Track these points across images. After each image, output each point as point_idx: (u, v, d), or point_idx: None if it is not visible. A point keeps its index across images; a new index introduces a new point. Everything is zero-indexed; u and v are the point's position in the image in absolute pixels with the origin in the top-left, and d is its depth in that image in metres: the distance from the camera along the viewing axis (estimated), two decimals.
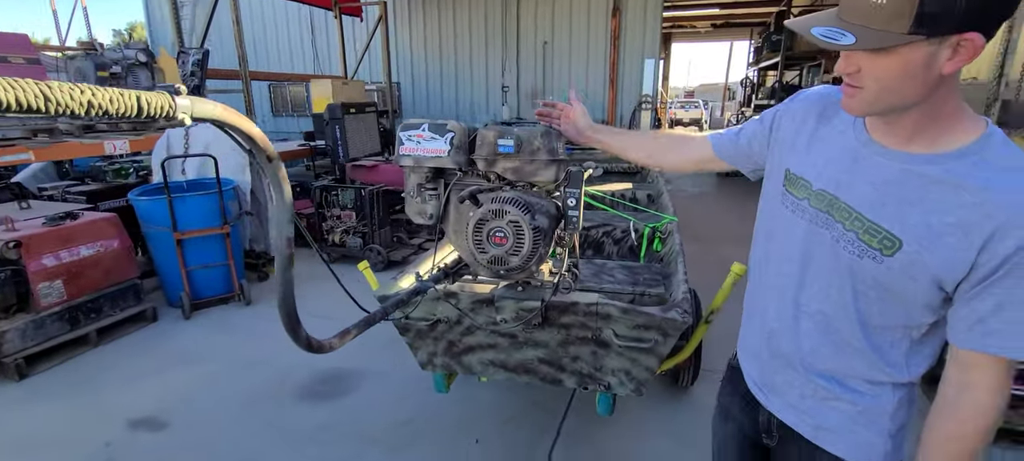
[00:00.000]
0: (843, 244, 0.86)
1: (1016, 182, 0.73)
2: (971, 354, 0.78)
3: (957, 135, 0.77)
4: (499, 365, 1.94)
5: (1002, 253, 0.72)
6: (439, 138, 1.39)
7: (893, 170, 0.81)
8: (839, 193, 0.86)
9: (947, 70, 0.70)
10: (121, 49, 4.65)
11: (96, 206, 4.06)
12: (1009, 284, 0.73)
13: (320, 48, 10.66)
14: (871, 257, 0.83)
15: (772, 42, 11.24)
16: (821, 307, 0.91)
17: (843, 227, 0.86)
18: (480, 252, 1.38)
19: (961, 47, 0.68)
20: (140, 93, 0.51)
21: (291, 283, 0.79)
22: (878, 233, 0.82)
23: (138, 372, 3.02)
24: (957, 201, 0.75)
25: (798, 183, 0.94)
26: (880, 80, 0.74)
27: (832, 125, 0.92)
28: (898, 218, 0.80)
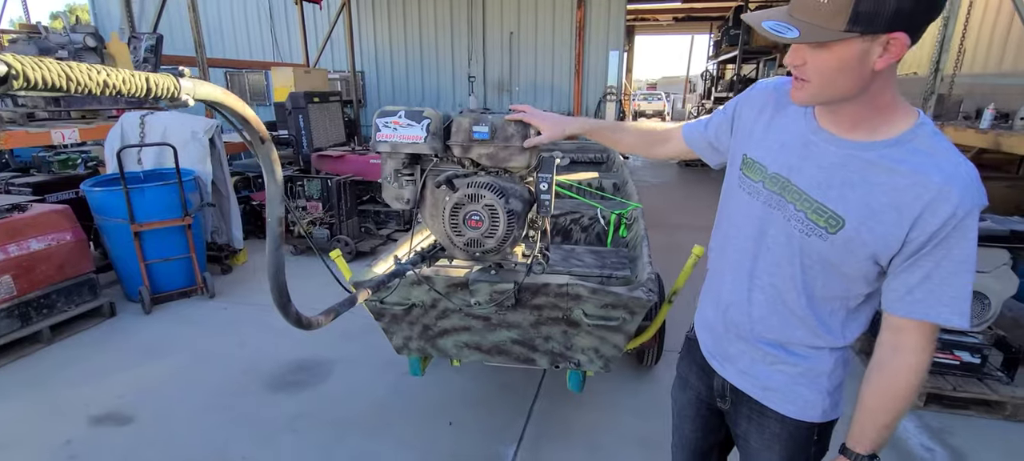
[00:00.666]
0: (794, 223, 0.95)
1: (941, 167, 0.82)
2: (902, 320, 0.89)
3: (893, 125, 0.87)
4: (474, 347, 2.00)
5: (929, 229, 0.82)
6: (416, 125, 1.43)
7: (838, 155, 0.90)
8: (791, 176, 0.95)
9: (879, 66, 0.79)
10: (67, 33, 4.40)
11: (43, 198, 3.86)
12: (936, 257, 0.84)
13: (280, 35, 10.32)
14: (818, 235, 0.92)
15: (730, 36, 11.63)
16: (772, 280, 1.00)
17: (794, 207, 0.94)
18: (457, 235, 1.44)
19: (890, 45, 0.77)
20: (148, 75, 0.54)
21: (282, 261, 0.82)
22: (824, 213, 0.91)
23: (98, 368, 2.92)
24: (892, 184, 0.85)
25: (754, 167, 1.02)
26: (821, 73, 0.82)
27: (787, 113, 1.00)
28: (841, 199, 0.89)
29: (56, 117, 4.57)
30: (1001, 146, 3.68)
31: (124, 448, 2.30)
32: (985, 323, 2.51)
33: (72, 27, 4.49)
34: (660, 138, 1.33)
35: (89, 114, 4.69)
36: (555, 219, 3.29)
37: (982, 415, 2.50)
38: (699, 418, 1.27)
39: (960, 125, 4.22)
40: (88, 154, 5.27)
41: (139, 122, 4.11)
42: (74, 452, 2.28)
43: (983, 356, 2.56)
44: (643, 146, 1.35)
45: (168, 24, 8.62)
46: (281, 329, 3.32)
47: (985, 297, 2.46)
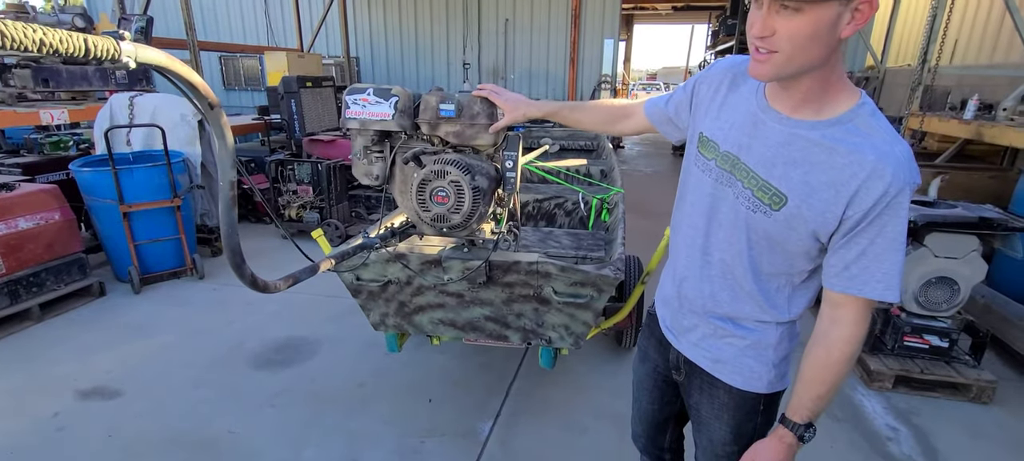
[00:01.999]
0: (742, 200, 0.98)
1: (876, 146, 0.86)
2: (839, 295, 0.93)
3: (837, 104, 0.90)
4: (448, 324, 2.05)
5: (864, 206, 0.85)
6: (384, 102, 1.47)
7: (783, 134, 0.93)
8: (741, 154, 0.98)
9: (846, 33, 0.82)
10: (56, 13, 4.39)
11: (33, 178, 3.89)
12: (871, 234, 0.87)
13: (274, 20, 10.27)
14: (763, 212, 0.95)
15: (728, 26, 11.59)
16: (722, 256, 1.04)
17: (742, 185, 0.98)
18: (424, 211, 1.48)
19: (858, 11, 0.80)
20: (87, 36, 0.58)
21: (234, 222, 0.86)
22: (769, 190, 0.94)
23: (86, 345, 2.97)
24: (830, 163, 0.88)
25: (708, 145, 1.05)
26: (793, 39, 0.82)
27: (740, 92, 1.02)
28: (785, 177, 0.92)
29: (47, 98, 4.57)
30: (983, 136, 3.72)
31: (110, 420, 2.36)
32: (954, 308, 2.56)
33: (61, 8, 4.48)
34: (622, 114, 1.34)
35: (79, 95, 4.70)
36: (539, 203, 3.33)
37: (948, 397, 2.56)
38: (656, 390, 1.32)
39: (945, 115, 4.25)
40: (80, 136, 5.27)
41: (128, 103, 4.13)
42: (61, 424, 2.33)
43: (952, 340, 2.61)
44: (605, 123, 1.37)
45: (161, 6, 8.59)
46: (269, 309, 3.37)
47: (954, 283, 2.51)
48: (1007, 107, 3.80)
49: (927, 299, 2.56)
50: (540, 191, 3.40)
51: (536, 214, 3.36)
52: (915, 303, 2.58)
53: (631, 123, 1.33)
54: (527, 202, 3.31)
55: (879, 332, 2.74)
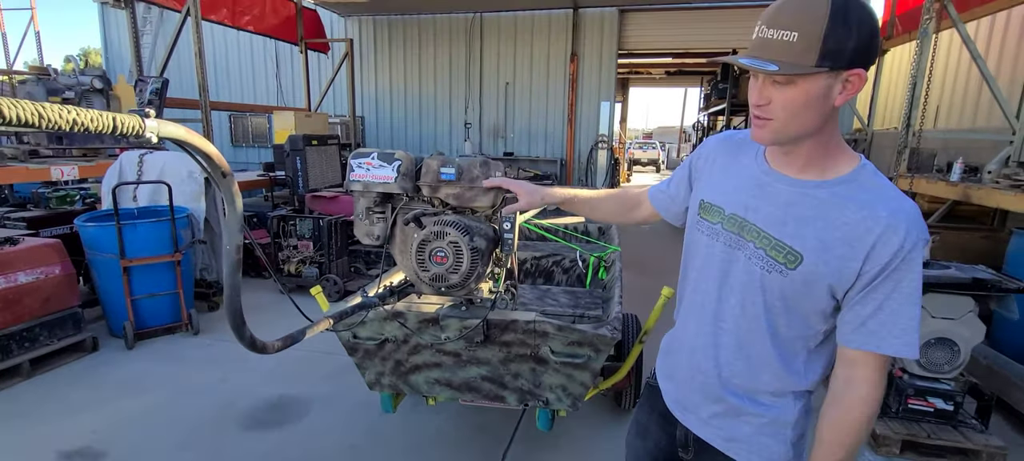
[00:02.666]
0: (755, 261, 0.97)
1: (887, 202, 0.89)
2: (855, 352, 0.92)
3: (840, 166, 0.94)
4: (445, 384, 2.03)
5: (881, 261, 0.86)
6: (387, 166, 1.53)
7: (791, 194, 0.95)
8: (748, 215, 0.99)
9: (838, 102, 0.86)
10: (76, 75, 4.60)
11: (37, 232, 3.93)
12: (887, 289, 0.88)
13: (285, 81, 10.70)
14: (778, 271, 0.94)
15: (719, 90, 12.08)
16: (737, 322, 1.01)
17: (754, 245, 0.97)
18: (423, 270, 1.51)
19: (849, 82, 0.85)
20: (115, 115, 0.63)
21: (238, 285, 0.89)
22: (783, 249, 0.94)
23: (74, 403, 2.91)
24: (843, 219, 0.89)
25: (712, 210, 1.05)
26: (787, 108, 0.87)
27: (738, 161, 1.05)
28: (797, 235, 0.93)
29: (59, 154, 4.71)
30: (970, 198, 3.81)
31: None
32: (956, 370, 2.53)
33: (81, 70, 4.70)
34: (633, 203, 1.35)
35: (90, 152, 4.83)
36: (537, 261, 3.36)
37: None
38: None
39: (932, 177, 4.36)
40: (87, 190, 5.38)
41: (138, 160, 4.24)
42: None
43: (956, 403, 2.57)
44: (618, 214, 1.37)
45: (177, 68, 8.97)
46: (263, 367, 3.32)
47: (954, 344, 2.50)
48: (991, 170, 3.91)
49: (928, 360, 2.54)
50: (538, 248, 3.44)
51: (534, 271, 3.38)
52: (917, 364, 2.55)
53: (641, 212, 1.34)
54: (525, 259, 3.34)
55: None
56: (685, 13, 9.11)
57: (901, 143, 4.74)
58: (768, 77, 0.87)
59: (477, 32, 9.79)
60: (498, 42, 9.80)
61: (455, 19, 9.83)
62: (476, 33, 9.80)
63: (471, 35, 9.82)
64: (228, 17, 6.83)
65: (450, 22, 9.91)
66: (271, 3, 7.69)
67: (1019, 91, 4.69)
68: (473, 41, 9.85)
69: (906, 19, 6.71)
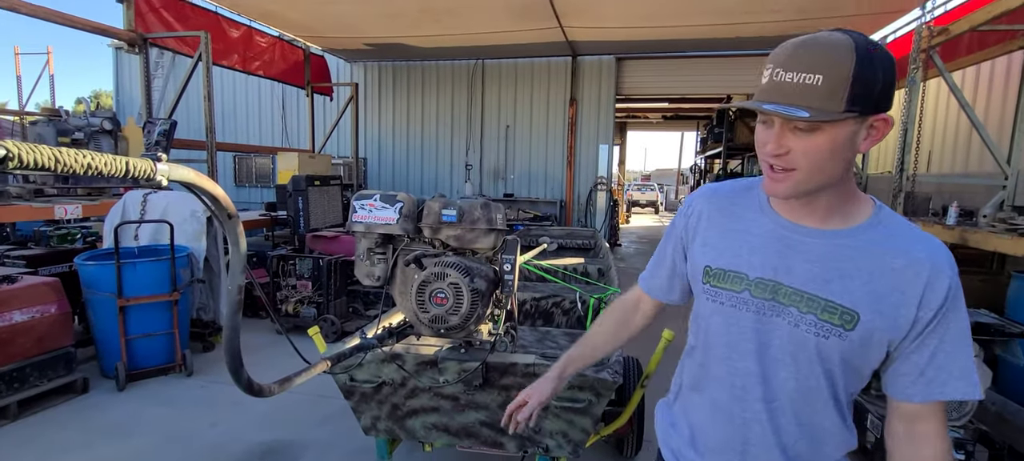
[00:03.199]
0: (805, 328, 0.86)
1: (920, 242, 0.84)
2: (917, 406, 0.85)
3: (859, 211, 0.88)
4: (442, 429, 1.98)
5: (934, 306, 0.81)
6: (389, 207, 1.55)
7: (825, 247, 0.86)
8: (781, 278, 0.88)
9: (863, 148, 0.80)
10: (87, 116, 4.71)
11: (36, 271, 3.92)
12: (940, 333, 0.82)
13: (290, 123, 10.93)
14: (836, 335, 0.85)
15: (715, 133, 12.33)
16: (792, 398, 0.90)
17: (798, 310, 0.87)
18: (422, 311, 1.50)
19: (874, 127, 0.79)
20: (128, 159, 0.65)
21: (238, 327, 0.89)
22: (835, 309, 0.84)
23: (58, 447, 2.83)
24: (887, 266, 0.83)
25: (727, 277, 0.93)
26: (811, 157, 0.79)
27: (740, 217, 0.95)
28: (845, 291, 0.84)
29: (64, 193, 4.76)
30: (968, 242, 3.83)
31: None
32: (965, 417, 2.48)
33: (92, 111, 4.81)
34: (631, 308, 1.22)
35: (95, 191, 4.89)
36: (537, 302, 3.34)
37: None
38: None
39: (929, 221, 4.40)
40: (88, 229, 5.41)
41: (142, 199, 4.28)
42: None
43: (968, 452, 2.50)
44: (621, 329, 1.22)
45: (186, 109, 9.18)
46: (256, 410, 3.25)
47: None
48: (986, 214, 3.95)
49: None
50: (538, 290, 3.43)
51: (533, 313, 3.35)
52: None
53: (641, 311, 1.21)
54: (525, 301, 3.33)
55: None
56: (680, 61, 9.41)
57: (896, 187, 4.81)
58: (787, 124, 0.79)
59: (479, 77, 10.08)
60: (499, 87, 10.08)
61: (458, 66, 10.15)
62: (478, 78, 10.09)
63: (473, 80, 10.11)
64: (239, 62, 7.06)
65: (453, 68, 10.22)
66: (280, 49, 7.96)
67: (1008, 136, 4.79)
68: (475, 86, 10.13)
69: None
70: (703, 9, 6.67)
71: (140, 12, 5.33)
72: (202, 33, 5.29)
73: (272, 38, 7.77)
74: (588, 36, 8.21)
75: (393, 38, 8.56)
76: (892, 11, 6.57)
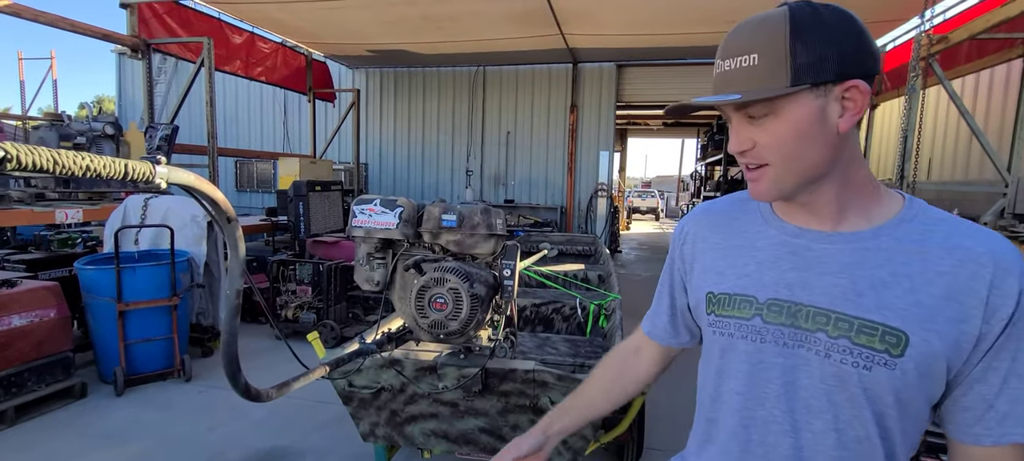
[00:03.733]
0: (839, 357, 0.68)
1: (973, 235, 0.67)
2: (990, 450, 0.66)
3: (884, 205, 0.71)
4: (441, 435, 1.97)
5: (1004, 314, 0.63)
6: (389, 212, 1.55)
7: (846, 253, 0.70)
8: (797, 295, 0.72)
9: (843, 126, 0.66)
10: (89, 121, 4.72)
11: (36, 275, 3.92)
12: (1010, 350, 0.64)
13: (291, 129, 10.96)
14: (881, 363, 0.66)
15: (715, 141, 12.35)
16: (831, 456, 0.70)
17: (827, 336, 0.69)
18: (422, 317, 1.50)
19: (848, 98, 0.65)
20: (127, 161, 0.65)
21: (236, 331, 0.88)
22: (874, 329, 0.66)
23: (55, 454, 2.81)
24: (932, 269, 0.66)
25: (734, 302, 0.77)
26: (779, 146, 0.67)
27: (740, 231, 0.81)
28: (884, 306, 0.67)
29: (65, 198, 4.76)
30: None
31: None
32: None
33: (94, 116, 4.82)
34: (631, 354, 1.05)
35: (96, 196, 4.89)
36: (537, 309, 3.34)
37: None
38: None
39: None
40: (89, 234, 5.41)
41: (143, 204, 4.29)
42: None
43: None
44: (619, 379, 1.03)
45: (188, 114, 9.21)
46: (255, 416, 3.23)
47: None
48: (987, 221, 3.95)
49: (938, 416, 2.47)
50: (538, 296, 3.42)
51: (533, 319, 3.34)
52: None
53: (645, 359, 1.02)
54: (524, 307, 3.32)
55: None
56: (680, 69, 9.45)
57: None
58: (745, 117, 0.70)
59: (480, 84, 10.12)
60: (500, 94, 10.11)
61: (459, 72, 10.19)
62: (479, 85, 10.13)
63: (474, 87, 10.14)
64: (242, 68, 7.09)
65: (454, 75, 10.27)
66: (283, 55, 8.00)
67: (1008, 144, 4.80)
68: (476, 93, 10.16)
69: (894, 76, 6.96)
70: (703, 17, 6.71)
71: (144, 18, 5.37)
72: (205, 39, 5.32)
73: (275, 44, 7.81)
74: (589, 43, 8.24)
75: (395, 45, 8.60)
76: (891, 19, 6.60)
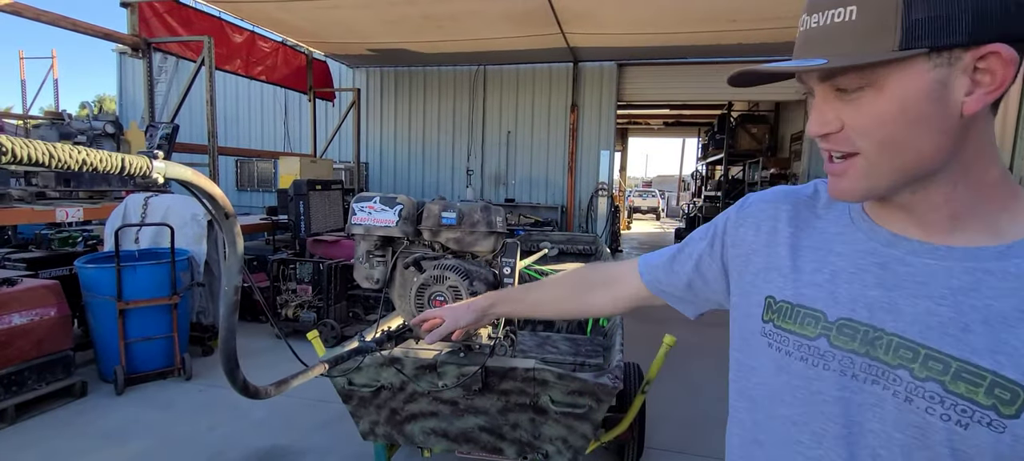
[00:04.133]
0: (922, 403, 0.54)
1: None
2: None
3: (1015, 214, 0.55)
4: (441, 434, 1.96)
5: None
6: (389, 210, 1.54)
7: (956, 273, 0.55)
8: (877, 320, 0.58)
9: (970, 108, 0.50)
10: (90, 120, 4.72)
11: (36, 274, 3.92)
12: None
13: (292, 128, 10.96)
14: (983, 422, 0.51)
15: (717, 140, 12.33)
16: None
17: (911, 375, 0.55)
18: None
19: (981, 69, 0.48)
20: (123, 155, 0.64)
21: (234, 327, 0.88)
22: (981, 378, 0.51)
23: (55, 453, 2.81)
24: None
25: (797, 316, 0.64)
26: (876, 132, 0.52)
27: (818, 230, 0.66)
28: (1000, 348, 0.51)
29: (66, 196, 4.77)
30: None
31: None
32: None
33: (95, 115, 4.83)
34: (605, 281, 0.96)
35: (96, 194, 4.90)
36: None
37: None
38: None
39: None
40: (89, 232, 5.42)
41: (143, 203, 4.29)
42: None
43: None
44: (570, 299, 0.98)
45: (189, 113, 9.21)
46: (255, 415, 3.23)
47: None
48: None
49: None
50: None
51: (534, 318, 3.34)
52: None
53: (614, 292, 0.94)
54: None
55: None
56: (681, 68, 9.43)
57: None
58: (832, 90, 0.55)
59: (480, 84, 10.11)
60: (500, 93, 10.10)
61: (459, 71, 10.18)
62: (479, 84, 10.12)
63: (474, 86, 10.13)
64: (242, 67, 7.09)
65: (454, 74, 10.26)
66: (283, 54, 8.00)
67: None
68: (476, 92, 10.15)
69: None
70: (705, 16, 6.69)
71: (144, 17, 5.36)
72: (205, 38, 5.31)
73: (275, 43, 7.81)
74: (589, 42, 8.23)
75: (395, 44, 8.59)
76: None
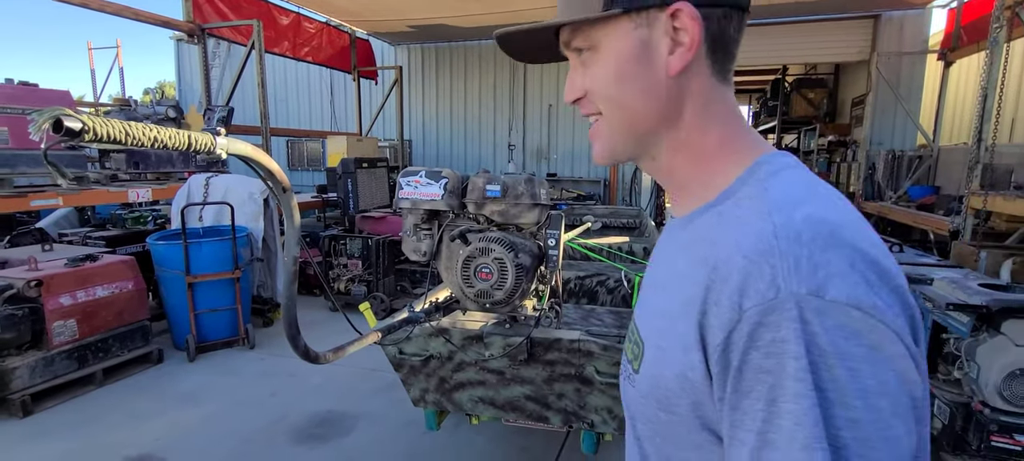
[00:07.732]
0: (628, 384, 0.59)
1: (742, 224, 0.48)
2: None
3: (716, 181, 0.55)
4: (488, 402, 2.01)
5: (716, 341, 0.45)
6: (434, 184, 1.56)
7: (678, 246, 0.58)
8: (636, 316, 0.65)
9: (673, 67, 0.52)
10: (153, 106, 5.02)
11: (114, 250, 4.26)
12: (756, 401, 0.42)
13: (338, 107, 11.24)
14: (627, 377, 0.57)
15: (769, 107, 11.69)
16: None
17: (627, 361, 0.62)
18: (468, 287, 1.52)
19: (678, 30, 0.51)
20: (190, 132, 0.68)
21: (295, 296, 0.92)
22: (632, 339, 0.58)
23: (139, 412, 3.09)
24: (678, 271, 0.53)
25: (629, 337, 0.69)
26: (602, 90, 0.56)
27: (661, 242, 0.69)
28: (645, 310, 0.58)
29: (135, 178, 5.12)
30: None
31: None
32: None
33: (157, 101, 5.12)
34: None
35: (162, 176, 5.23)
36: (581, 281, 3.32)
37: None
38: None
39: (1010, 195, 4.03)
40: (158, 212, 5.82)
41: (204, 183, 4.54)
42: None
43: None
44: None
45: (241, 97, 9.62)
46: (312, 382, 3.42)
47: None
48: None
49: (1012, 393, 2.30)
50: (582, 268, 3.40)
51: (578, 292, 3.33)
52: (999, 398, 2.32)
53: None
54: (569, 279, 3.31)
55: (961, 430, 2.45)
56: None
57: (973, 159, 4.41)
58: (577, 57, 0.58)
59: None
60: (541, 66, 9.92)
61: None
62: None
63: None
64: (289, 49, 7.30)
65: (495, 48, 10.15)
66: (328, 35, 8.16)
67: None
68: (517, 65, 10.02)
69: (971, 30, 6.31)
70: None
71: (197, 4, 5.59)
72: (255, 22, 5.49)
73: (319, 24, 7.96)
74: None
75: (436, 19, 8.57)
76: None
